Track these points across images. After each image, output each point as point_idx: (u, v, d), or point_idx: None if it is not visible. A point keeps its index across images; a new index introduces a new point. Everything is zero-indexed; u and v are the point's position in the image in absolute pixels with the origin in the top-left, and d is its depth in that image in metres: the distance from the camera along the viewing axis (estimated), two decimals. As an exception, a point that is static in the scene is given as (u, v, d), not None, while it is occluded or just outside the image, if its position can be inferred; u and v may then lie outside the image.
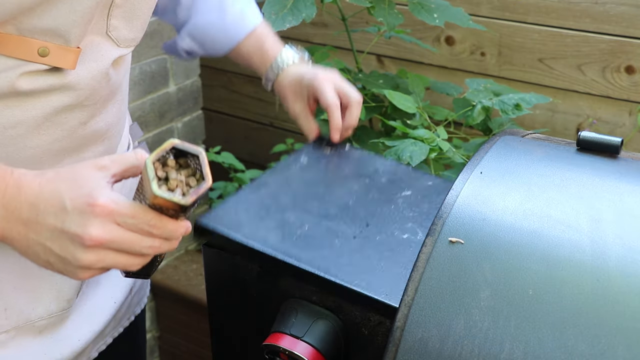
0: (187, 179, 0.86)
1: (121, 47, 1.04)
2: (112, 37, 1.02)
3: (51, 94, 0.98)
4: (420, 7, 1.76)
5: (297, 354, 1.01)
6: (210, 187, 0.86)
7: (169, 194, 0.84)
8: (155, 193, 0.83)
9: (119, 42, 1.03)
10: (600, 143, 0.99)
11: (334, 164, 1.29)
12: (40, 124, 0.99)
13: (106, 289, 1.23)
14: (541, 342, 0.79)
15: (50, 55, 0.95)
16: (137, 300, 1.35)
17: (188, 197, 0.84)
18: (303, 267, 1.04)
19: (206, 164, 0.87)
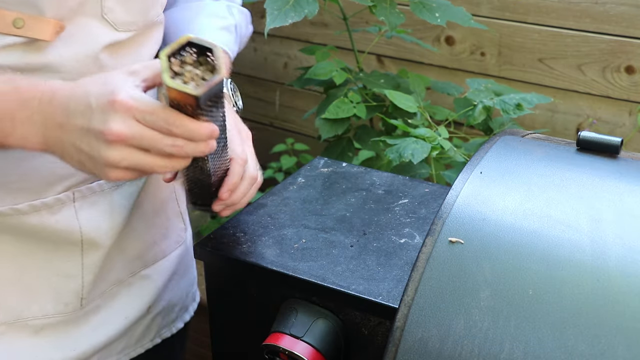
0: (203, 73, 0.86)
1: (120, 31, 1.02)
2: (109, 20, 1.01)
3: (32, 74, 0.97)
4: (421, 7, 1.76)
5: (297, 354, 1.01)
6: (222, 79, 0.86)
7: (179, 85, 0.84)
8: (167, 84, 0.84)
9: (116, 25, 1.02)
10: (600, 143, 0.99)
11: (330, 181, 1.29)
12: None
13: (120, 304, 1.21)
14: (541, 342, 0.79)
15: (25, 27, 0.94)
16: (165, 323, 1.30)
17: (200, 88, 0.84)
18: (300, 277, 1.05)
19: (220, 57, 0.86)
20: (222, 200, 1.07)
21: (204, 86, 0.85)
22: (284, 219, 1.18)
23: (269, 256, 1.09)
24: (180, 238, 1.30)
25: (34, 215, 1.05)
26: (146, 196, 1.20)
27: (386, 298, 1.00)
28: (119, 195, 1.14)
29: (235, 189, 1.07)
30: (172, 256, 1.28)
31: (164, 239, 1.26)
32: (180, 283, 1.32)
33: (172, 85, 0.84)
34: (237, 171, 1.07)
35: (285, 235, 1.14)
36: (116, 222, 1.14)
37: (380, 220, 1.17)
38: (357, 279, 1.04)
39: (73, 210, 1.09)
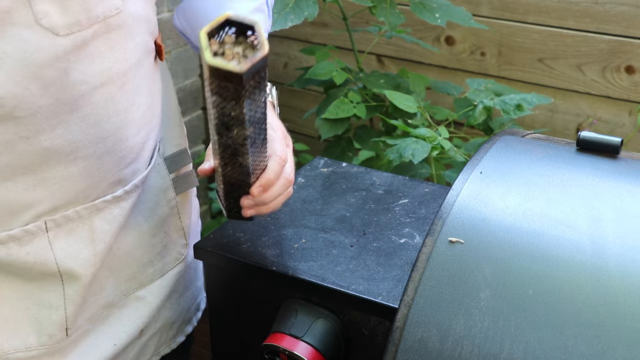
0: (244, 51, 0.83)
1: (61, 36, 0.87)
2: (46, 26, 0.86)
3: None
4: (422, 7, 1.76)
5: (297, 354, 1.01)
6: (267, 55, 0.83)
7: (222, 62, 0.80)
8: (208, 62, 0.80)
9: (56, 30, 0.87)
10: (600, 143, 0.99)
11: (330, 181, 1.29)
12: None
13: (110, 328, 1.11)
14: (541, 342, 0.79)
15: None
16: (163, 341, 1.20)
17: (243, 64, 0.81)
18: (300, 277, 1.05)
19: (262, 34, 0.83)
20: (252, 197, 0.99)
21: (248, 62, 0.81)
22: (284, 219, 1.18)
23: (269, 256, 1.09)
24: (180, 255, 1.19)
25: (0, 248, 0.95)
26: (143, 215, 1.11)
27: (386, 298, 1.00)
28: (101, 220, 1.02)
29: (269, 188, 0.99)
30: (170, 274, 1.17)
31: (162, 258, 1.15)
32: (180, 300, 1.22)
33: (214, 63, 0.80)
34: (273, 169, 0.99)
35: (285, 235, 1.14)
36: (98, 249, 1.03)
37: (380, 220, 1.17)
38: (357, 279, 1.04)
39: (47, 240, 0.98)
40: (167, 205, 1.14)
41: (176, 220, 1.17)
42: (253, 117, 0.91)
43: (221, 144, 0.93)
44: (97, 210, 1.02)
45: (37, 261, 0.98)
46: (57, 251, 0.99)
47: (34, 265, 0.98)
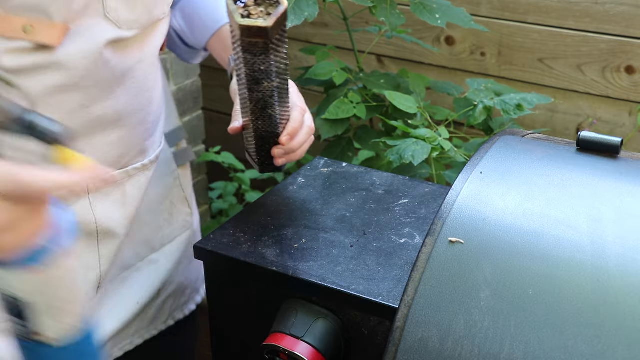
0: (267, 9, 0.98)
1: (123, 29, 1.04)
2: (112, 19, 1.02)
3: (40, 73, 0.98)
4: (422, 8, 1.76)
5: (297, 354, 1.01)
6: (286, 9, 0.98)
7: (251, 21, 0.96)
8: (239, 23, 0.94)
9: (119, 23, 1.03)
10: (600, 143, 0.99)
11: (330, 181, 1.29)
12: (34, 103, 0.98)
13: (130, 289, 1.22)
14: (541, 342, 0.79)
15: (34, 32, 0.95)
16: (177, 306, 1.33)
17: (269, 20, 0.96)
18: (300, 277, 1.05)
19: None
20: (282, 146, 1.11)
21: (273, 17, 0.96)
22: (284, 219, 1.18)
23: (269, 256, 1.09)
24: (186, 223, 1.32)
25: None
26: (150, 183, 1.22)
27: (386, 298, 1.00)
28: (131, 186, 1.16)
29: (295, 135, 1.12)
30: (179, 240, 1.30)
31: (170, 224, 1.28)
32: (190, 267, 1.34)
33: (244, 22, 0.95)
34: (296, 118, 1.12)
35: (285, 235, 1.14)
36: (128, 211, 1.16)
37: (380, 220, 1.17)
38: (357, 279, 1.04)
39: (88, 202, 1.10)
40: (170, 176, 1.27)
41: (179, 190, 1.30)
42: (279, 69, 1.04)
43: (252, 98, 1.06)
44: (129, 176, 1.15)
45: (81, 220, 1.09)
46: (96, 212, 1.11)
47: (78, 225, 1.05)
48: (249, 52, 1.00)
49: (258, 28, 0.96)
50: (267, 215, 1.19)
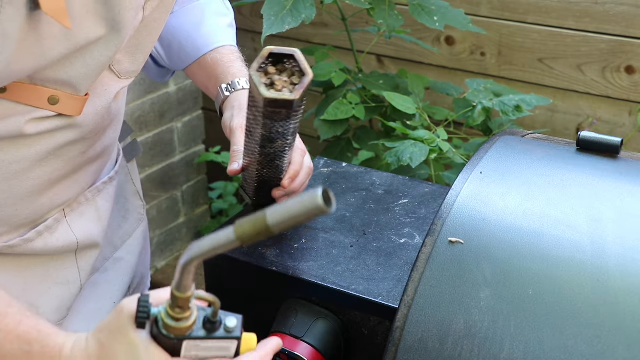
0: (290, 79, 0.94)
1: (122, 79, 1.05)
2: (115, 71, 1.03)
3: (57, 133, 1.00)
4: (420, 9, 1.76)
5: (297, 354, 1.01)
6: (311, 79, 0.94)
7: (278, 94, 0.92)
8: (265, 96, 0.91)
9: (120, 74, 1.04)
10: (600, 143, 0.99)
11: (330, 181, 1.29)
12: (44, 158, 1.00)
13: (105, 290, 1.23)
14: (541, 342, 0.79)
15: (59, 104, 0.97)
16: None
17: (295, 92, 0.92)
18: (300, 277, 1.05)
19: (303, 60, 0.94)
20: (283, 189, 1.12)
21: (299, 89, 0.93)
22: (284, 219, 1.18)
23: (269, 256, 1.09)
24: (140, 215, 1.33)
25: (39, 240, 1.08)
26: None
27: (386, 298, 1.00)
28: (102, 200, 1.17)
29: (296, 178, 1.12)
30: (137, 234, 1.31)
31: (126, 220, 1.29)
32: (146, 256, 1.37)
33: (271, 96, 0.91)
34: (297, 160, 1.13)
35: (285, 235, 1.14)
36: (104, 223, 1.18)
37: (380, 220, 1.17)
38: (357, 279, 1.04)
39: (66, 224, 1.11)
40: (122, 172, 1.27)
41: (131, 185, 1.31)
42: (295, 129, 1.02)
43: (263, 153, 1.04)
44: (99, 191, 1.16)
45: (64, 244, 1.11)
46: (76, 232, 1.12)
47: (62, 248, 1.11)
48: (269, 119, 0.97)
49: (284, 101, 0.93)
50: (267, 216, 1.18)
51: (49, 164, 1.02)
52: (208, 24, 1.25)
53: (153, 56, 1.31)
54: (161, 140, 2.42)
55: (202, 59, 1.26)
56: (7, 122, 0.94)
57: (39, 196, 1.04)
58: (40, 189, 1.03)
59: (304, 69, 0.94)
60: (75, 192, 1.10)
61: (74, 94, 0.97)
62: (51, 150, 1.01)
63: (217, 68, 1.24)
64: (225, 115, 1.19)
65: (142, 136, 2.34)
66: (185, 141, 2.52)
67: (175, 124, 2.46)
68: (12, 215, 1.03)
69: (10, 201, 1.01)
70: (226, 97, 1.20)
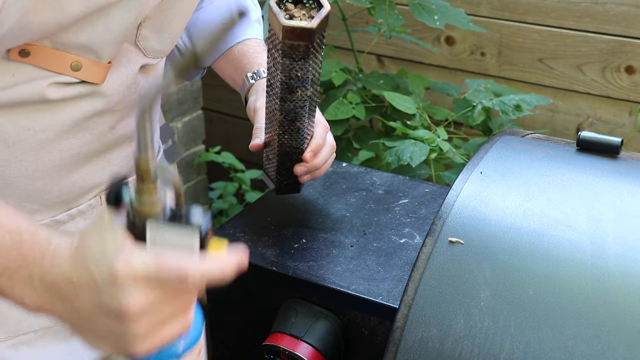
0: (309, 13, 0.98)
1: (148, 57, 1.05)
2: (140, 47, 1.03)
3: (81, 101, 1.00)
4: (421, 9, 1.76)
5: (297, 354, 1.01)
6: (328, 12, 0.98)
7: (296, 22, 0.96)
8: (284, 24, 0.94)
9: (146, 52, 1.04)
10: (600, 143, 0.99)
11: (330, 181, 1.29)
12: (70, 128, 1.00)
13: None
14: (541, 342, 0.79)
15: (82, 70, 0.97)
16: None
17: (313, 21, 0.96)
18: (300, 277, 1.05)
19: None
20: (305, 164, 1.10)
21: (317, 19, 0.96)
22: (284, 219, 1.18)
23: (269, 256, 1.09)
24: None
25: (71, 224, 1.08)
26: None
27: (386, 298, 1.00)
28: None
29: (318, 152, 1.10)
30: None
31: None
32: None
33: (289, 24, 0.95)
34: (320, 134, 1.11)
35: (285, 235, 1.14)
36: None
37: (380, 220, 1.17)
38: (357, 279, 1.04)
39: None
40: None
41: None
42: (314, 77, 1.03)
43: (283, 109, 1.05)
44: None
45: None
46: None
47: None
48: (288, 57, 0.98)
49: (302, 29, 0.95)
50: (267, 215, 1.19)
51: (77, 136, 1.01)
52: None
53: (182, 52, 1.31)
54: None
55: (229, 51, 1.27)
56: (30, 85, 0.95)
57: (70, 172, 1.04)
58: (70, 164, 1.03)
59: (322, 2, 0.98)
60: (109, 175, 1.09)
61: (97, 61, 0.97)
62: (77, 120, 1.00)
63: (243, 59, 1.26)
64: (250, 99, 1.20)
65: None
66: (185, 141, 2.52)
67: (175, 124, 2.46)
68: (43, 191, 1.03)
69: (38, 174, 1.01)
70: (251, 84, 1.21)
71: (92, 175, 1.07)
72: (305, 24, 0.96)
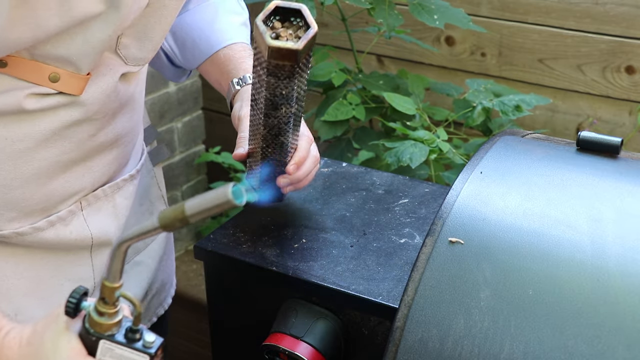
0: (295, 32, 0.95)
1: (129, 65, 1.04)
2: (121, 55, 1.02)
3: (59, 110, 0.99)
4: (420, 8, 1.76)
5: (297, 354, 1.01)
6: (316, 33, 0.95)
7: (282, 43, 0.93)
8: (270, 44, 0.91)
9: (127, 59, 1.03)
10: (600, 143, 0.99)
11: (330, 181, 1.29)
12: (49, 137, 0.99)
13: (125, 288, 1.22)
14: (541, 342, 0.79)
15: (60, 82, 0.96)
16: (158, 302, 1.33)
17: (300, 42, 0.93)
18: (300, 277, 1.05)
19: (309, 14, 0.95)
20: (288, 175, 1.09)
21: (303, 40, 0.93)
22: (284, 219, 1.18)
23: (269, 256, 1.09)
24: None
25: (50, 230, 1.07)
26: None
27: (386, 298, 1.00)
28: (121, 197, 1.16)
29: (302, 165, 1.10)
30: (160, 238, 1.30)
31: None
32: (168, 262, 1.35)
33: (275, 44, 0.92)
34: (304, 147, 1.10)
35: (285, 235, 1.14)
36: (121, 221, 1.16)
37: (380, 220, 1.17)
38: (357, 279, 1.04)
39: (82, 218, 1.10)
40: (148, 175, 1.27)
41: (156, 189, 1.30)
42: (299, 94, 1.01)
43: (267, 124, 1.02)
44: (119, 188, 1.14)
45: (77, 237, 1.10)
46: (91, 227, 1.11)
47: (75, 242, 1.10)
48: (273, 75, 0.96)
49: (288, 50, 0.92)
50: (267, 215, 1.19)
51: (56, 145, 1.01)
52: (221, 22, 1.26)
53: (168, 54, 1.31)
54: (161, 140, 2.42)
55: (215, 55, 1.26)
56: (7, 96, 0.94)
57: (49, 180, 1.03)
58: (49, 172, 1.02)
59: (309, 22, 0.95)
60: (90, 182, 1.09)
61: (75, 72, 0.96)
62: (56, 129, 0.99)
63: (229, 64, 1.25)
64: (235, 106, 1.20)
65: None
66: (185, 141, 2.52)
67: (175, 124, 2.46)
68: (21, 199, 1.02)
69: (17, 182, 1.00)
70: (237, 90, 1.20)
71: (72, 183, 1.06)
72: (292, 44, 0.93)
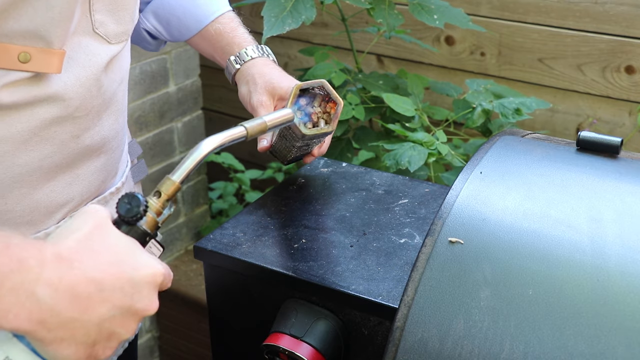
0: (320, 106, 1.08)
1: (113, 44, 0.98)
2: (101, 34, 0.96)
3: (37, 106, 0.92)
4: (420, 8, 1.76)
5: (297, 354, 1.01)
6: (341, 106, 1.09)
7: (318, 130, 1.07)
8: (306, 133, 1.06)
9: (109, 38, 0.97)
10: (600, 143, 0.99)
11: (330, 181, 1.29)
12: (28, 139, 0.93)
13: None
14: (541, 342, 0.79)
15: (32, 61, 0.88)
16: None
17: (332, 124, 1.08)
18: (300, 277, 1.05)
19: (331, 89, 1.07)
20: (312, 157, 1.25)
21: (335, 120, 1.07)
22: (284, 219, 1.18)
23: (269, 256, 1.09)
24: None
25: None
26: None
27: (386, 298, 1.00)
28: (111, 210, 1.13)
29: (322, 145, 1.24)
30: None
31: None
32: None
33: (312, 132, 1.06)
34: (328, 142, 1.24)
35: (285, 235, 1.14)
36: None
37: (380, 220, 1.17)
38: (357, 279, 1.04)
39: None
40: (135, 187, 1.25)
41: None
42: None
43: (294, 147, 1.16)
44: (106, 202, 1.09)
45: None
46: None
47: None
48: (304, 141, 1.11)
49: (323, 134, 1.07)
50: (267, 215, 1.19)
51: (37, 149, 0.94)
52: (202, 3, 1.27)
53: (151, 33, 1.30)
54: (161, 140, 2.41)
55: (204, 30, 1.28)
56: None
57: (32, 190, 0.96)
58: (32, 179, 0.95)
59: (335, 98, 1.07)
60: (78, 191, 1.03)
61: (46, 48, 0.89)
62: (35, 129, 0.92)
63: (221, 39, 1.27)
64: (241, 89, 1.23)
65: (142, 136, 2.34)
66: (185, 141, 2.52)
67: (175, 124, 2.46)
68: (3, 211, 0.95)
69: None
70: (237, 69, 1.24)
71: (58, 193, 0.99)
72: (326, 128, 1.07)
